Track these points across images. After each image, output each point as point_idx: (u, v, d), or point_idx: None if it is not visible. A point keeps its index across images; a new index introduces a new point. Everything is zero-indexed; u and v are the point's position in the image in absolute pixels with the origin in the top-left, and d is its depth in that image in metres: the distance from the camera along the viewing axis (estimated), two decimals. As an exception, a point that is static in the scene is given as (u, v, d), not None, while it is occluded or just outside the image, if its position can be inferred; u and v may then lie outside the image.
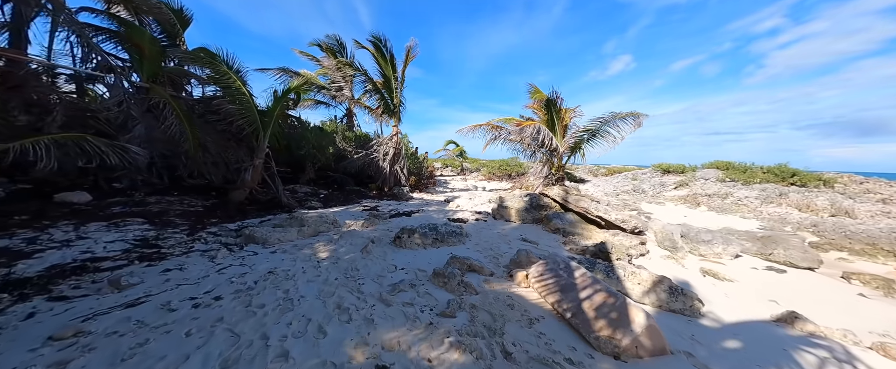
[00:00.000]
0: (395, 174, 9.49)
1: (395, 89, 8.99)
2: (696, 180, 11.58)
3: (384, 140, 9.55)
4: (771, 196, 9.33)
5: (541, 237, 5.17)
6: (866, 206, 8.00)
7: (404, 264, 3.72)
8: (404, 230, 4.51)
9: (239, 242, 4.26)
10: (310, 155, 8.20)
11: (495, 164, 18.26)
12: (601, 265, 3.41)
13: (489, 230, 5.52)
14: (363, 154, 9.65)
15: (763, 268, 4.70)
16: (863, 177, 10.69)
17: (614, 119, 6.35)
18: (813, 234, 6.91)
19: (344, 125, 11.41)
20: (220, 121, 6.55)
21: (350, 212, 6.76)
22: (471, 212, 6.88)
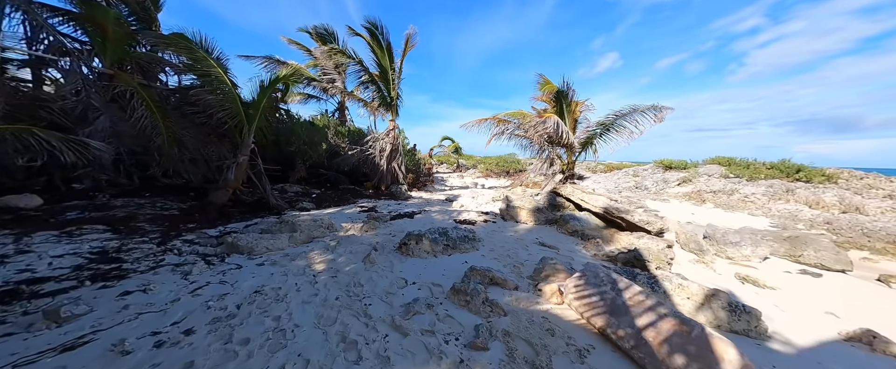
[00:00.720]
0: (392, 172, 8.94)
1: (392, 81, 8.40)
2: (699, 176, 11.45)
3: (380, 135, 8.97)
4: (778, 192, 9.21)
5: (559, 240, 4.74)
6: (875, 202, 7.93)
7: (415, 277, 3.22)
8: (411, 236, 4.01)
9: (220, 252, 3.69)
10: (300, 151, 7.57)
11: (492, 161, 17.86)
12: (642, 276, 2.99)
13: (501, 233, 5.07)
14: (358, 150, 9.05)
15: (797, 272, 4.41)
16: (862, 172, 10.72)
17: (633, 112, 5.94)
18: (829, 232, 6.75)
19: (336, 120, 10.76)
20: (198, 114, 5.88)
21: (346, 214, 6.20)
22: (477, 213, 6.42)
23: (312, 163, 8.09)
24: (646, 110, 5.84)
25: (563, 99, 6.72)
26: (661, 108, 5.72)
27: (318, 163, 8.35)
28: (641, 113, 5.88)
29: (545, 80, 7.06)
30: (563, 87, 6.57)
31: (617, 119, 6.17)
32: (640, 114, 5.88)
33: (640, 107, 5.85)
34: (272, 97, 7.36)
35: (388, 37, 7.83)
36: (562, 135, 6.05)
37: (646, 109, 5.83)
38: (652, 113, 5.79)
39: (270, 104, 7.30)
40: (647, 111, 5.83)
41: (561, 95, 6.68)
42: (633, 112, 5.95)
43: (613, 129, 6.29)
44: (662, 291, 2.79)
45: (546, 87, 6.88)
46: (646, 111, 5.84)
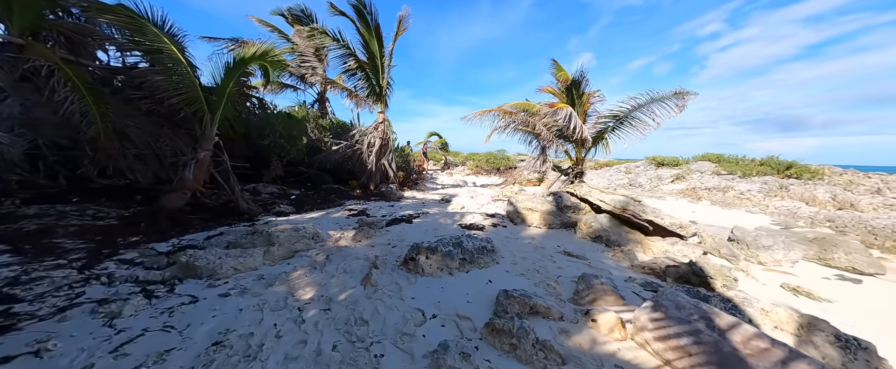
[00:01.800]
0: (382, 169, 8.10)
1: (381, 68, 7.54)
2: (691, 173, 11.47)
3: (368, 129, 8.09)
4: (773, 189, 9.30)
5: (582, 248, 4.18)
6: (866, 199, 8.12)
7: (433, 305, 2.52)
8: (420, 248, 3.29)
9: (169, 277, 2.80)
10: (276, 146, 6.58)
11: (482, 158, 17.31)
12: (715, 299, 2.45)
13: (516, 240, 4.44)
14: (342, 146, 8.13)
15: (834, 277, 4.11)
16: (840, 168, 11.11)
17: (650, 103, 5.44)
18: (834, 229, 6.72)
19: (317, 112, 9.71)
20: (145, 99, 4.80)
21: (333, 219, 5.35)
22: (481, 215, 5.77)
23: (290, 160, 7.11)
24: (666, 98, 5.33)
25: (574, 90, 6.19)
26: (683, 95, 5.20)
27: (297, 160, 7.37)
28: (659, 102, 5.39)
29: (558, 67, 6.46)
30: (578, 76, 6.04)
31: (632, 110, 5.66)
32: (658, 104, 5.38)
33: (661, 95, 5.34)
34: (241, 81, 6.33)
35: (377, 17, 6.95)
36: (575, 129, 5.51)
37: (667, 97, 5.31)
38: (673, 102, 5.31)
39: (239, 90, 6.26)
40: (667, 99, 5.33)
41: (573, 86, 6.14)
42: (651, 102, 5.46)
43: (628, 122, 5.80)
44: (746, 320, 2.25)
45: (560, 75, 6.31)
46: (666, 99, 5.34)
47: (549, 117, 5.49)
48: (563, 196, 5.41)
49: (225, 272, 2.96)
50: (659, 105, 5.33)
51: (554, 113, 5.39)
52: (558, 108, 5.33)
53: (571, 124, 5.42)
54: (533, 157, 14.72)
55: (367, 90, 7.89)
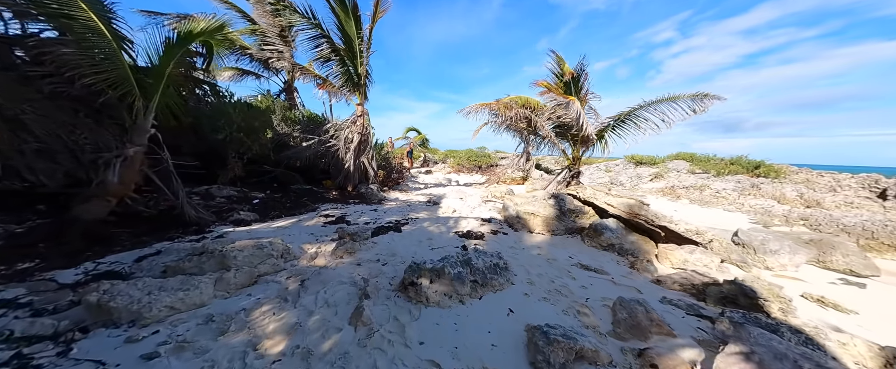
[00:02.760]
0: (361, 168, 7.29)
1: (359, 53, 6.70)
2: (669, 172, 11.79)
3: (345, 123, 7.23)
4: (746, 187, 9.74)
5: (597, 259, 3.78)
6: (829, 197, 8.69)
7: (450, 354, 1.93)
8: (420, 270, 2.67)
9: (67, 328, 1.96)
10: (234, 141, 5.57)
11: (463, 155, 16.81)
12: (784, 329, 2.08)
13: (523, 250, 3.95)
14: (315, 141, 7.19)
15: (839, 282, 4.06)
16: (795, 167, 11.95)
17: (660, 103, 5.12)
18: (808, 227, 7.00)
19: (284, 102, 8.61)
20: (49, 79, 3.69)
21: (306, 229, 4.54)
22: (476, 220, 5.23)
23: (252, 158, 6.10)
24: (683, 99, 5.04)
25: (574, 85, 5.80)
26: (704, 97, 4.94)
27: (260, 158, 6.36)
28: (671, 103, 5.11)
29: (560, 60, 5.99)
30: (578, 70, 5.64)
31: (639, 109, 5.35)
32: (670, 105, 5.10)
33: (678, 96, 5.03)
34: (187, 63, 5.26)
35: (355, -5, 6.10)
36: (582, 126, 5.11)
37: (685, 98, 5.02)
38: (688, 103, 5.05)
39: (185, 73, 5.19)
40: (683, 101, 5.05)
41: (573, 81, 5.75)
42: (660, 102, 5.17)
43: (632, 122, 5.52)
44: (830, 357, 1.88)
45: (563, 68, 5.87)
46: (681, 101, 5.05)
47: (560, 110, 5.03)
48: (564, 198, 5.00)
49: (156, 314, 2.15)
50: (670, 106, 5.08)
51: (566, 106, 4.94)
52: (570, 101, 4.88)
53: (580, 119, 5.01)
54: (516, 155, 14.52)
55: (343, 78, 7.01)
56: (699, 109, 5.08)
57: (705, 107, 5.09)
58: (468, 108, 6.29)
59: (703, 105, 5.09)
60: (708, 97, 5.10)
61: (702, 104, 5.09)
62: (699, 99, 5.12)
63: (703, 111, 5.04)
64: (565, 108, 4.99)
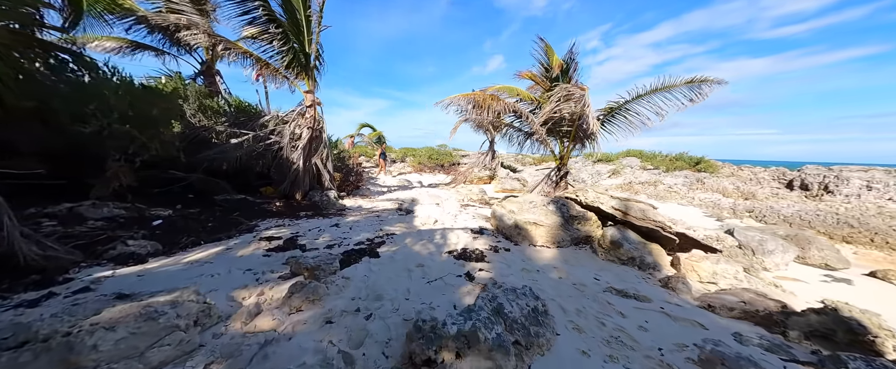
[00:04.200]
0: (312, 171, 5.87)
1: (307, 26, 5.30)
2: (624, 168, 12.38)
3: (291, 115, 5.73)
4: (693, 182, 10.56)
5: (623, 278, 3.20)
6: (759, 189, 9.80)
7: None
8: (436, 337, 1.72)
9: None
10: (116, 135, 3.80)
11: (423, 153, 15.78)
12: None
13: (537, 272, 3.19)
14: (248, 138, 5.58)
15: (829, 279, 4.12)
16: (720, 162, 13.54)
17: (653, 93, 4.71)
18: (754, 219, 7.62)
19: (202, 87, 6.65)
20: None
21: (238, 262, 3.17)
22: (466, 233, 4.37)
23: (152, 160, 4.34)
24: (679, 88, 4.64)
25: (563, 77, 5.25)
26: (702, 83, 4.44)
27: (163, 160, 4.59)
28: (664, 93, 4.72)
29: (549, 50, 5.34)
30: (567, 60, 5.09)
31: (631, 102, 4.94)
32: (663, 95, 4.71)
33: (669, 84, 4.65)
34: (29, 16, 3.44)
35: (300, -49, 4.71)
36: (586, 120, 4.52)
37: (679, 86, 4.61)
38: (686, 92, 4.66)
39: (25, 38, 3.35)
40: (678, 90, 4.66)
41: (563, 73, 5.20)
42: (653, 92, 4.75)
43: (623, 116, 5.12)
44: None
45: (551, 59, 5.23)
46: (676, 91, 4.67)
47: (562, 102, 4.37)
48: (566, 204, 4.41)
49: None
50: (664, 96, 4.70)
51: (572, 97, 4.29)
52: (583, 92, 4.24)
53: (584, 113, 4.41)
54: (480, 153, 14.00)
55: (287, 59, 5.51)
56: (697, 98, 4.67)
57: (704, 94, 4.65)
58: (448, 99, 5.37)
59: (700, 92, 4.65)
60: (706, 82, 4.55)
61: (699, 91, 4.64)
62: (696, 86, 4.60)
63: (701, 100, 4.68)
64: (567, 100, 4.40)
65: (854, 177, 9.69)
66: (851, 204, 8.63)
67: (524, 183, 11.52)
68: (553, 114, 4.80)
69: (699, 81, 4.50)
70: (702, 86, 4.49)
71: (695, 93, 4.42)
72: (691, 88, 4.46)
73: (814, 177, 10.94)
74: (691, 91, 4.49)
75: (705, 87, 4.54)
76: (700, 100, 4.44)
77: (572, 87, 4.39)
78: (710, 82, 4.50)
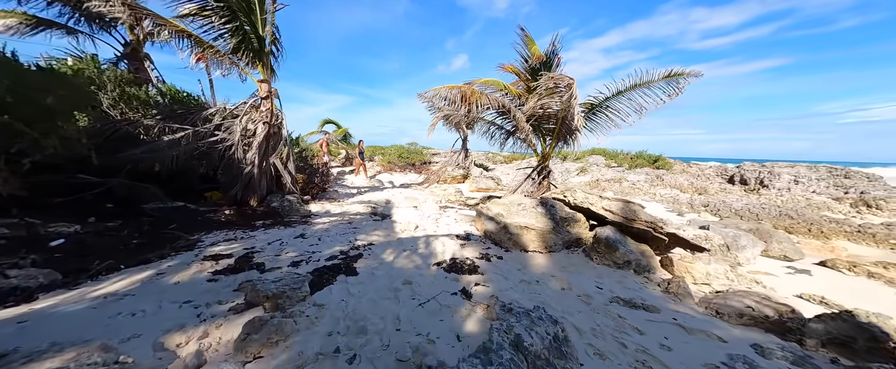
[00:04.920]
0: (270, 173, 5.10)
1: (258, 4, 4.52)
2: (591, 166, 12.82)
3: (242, 108, 4.91)
4: (653, 179, 11.19)
5: (625, 285, 3.04)
6: (710, 184, 10.64)
7: None
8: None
9: None
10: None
11: (392, 152, 15.08)
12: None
13: (537, 283, 2.92)
14: (187, 134, 4.67)
15: (792, 271, 4.39)
16: (672, 159, 14.65)
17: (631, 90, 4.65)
18: (710, 213, 8.18)
19: (126, 73, 5.48)
20: None
21: (172, 292, 2.48)
22: (452, 240, 4.01)
23: (51, 162, 3.36)
24: (657, 84, 4.58)
25: (544, 70, 5.04)
26: (679, 77, 4.36)
27: (69, 161, 3.61)
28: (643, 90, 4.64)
29: (529, 40, 5.08)
30: (550, 53, 4.90)
31: (611, 98, 4.84)
32: (642, 91, 4.64)
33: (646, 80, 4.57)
34: None
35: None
36: (572, 114, 4.31)
37: (657, 82, 4.51)
38: (664, 87, 4.59)
39: None
40: (656, 86, 4.60)
41: (543, 65, 4.99)
42: (632, 89, 4.65)
43: (604, 113, 5.02)
44: None
45: (531, 50, 4.97)
46: (654, 86, 4.60)
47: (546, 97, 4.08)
48: (555, 206, 4.22)
49: None
50: (643, 93, 4.67)
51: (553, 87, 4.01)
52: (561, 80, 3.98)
53: (571, 109, 4.19)
54: (452, 152, 13.69)
55: (234, 41, 4.67)
56: (674, 93, 4.56)
57: (681, 88, 4.55)
58: (433, 91, 4.90)
59: (678, 86, 4.54)
60: (683, 76, 4.48)
61: (677, 85, 4.54)
62: (673, 80, 4.51)
63: (677, 95, 4.56)
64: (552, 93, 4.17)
65: (784, 172, 10.95)
66: (784, 197, 9.71)
67: (498, 181, 11.43)
68: (538, 110, 4.61)
69: (676, 75, 4.48)
70: (679, 80, 4.50)
71: (673, 87, 4.46)
72: (669, 83, 4.49)
73: (750, 172, 12.20)
74: (669, 85, 4.51)
75: (682, 80, 4.53)
76: (676, 96, 4.50)
77: (559, 77, 4.17)
78: (686, 76, 4.49)
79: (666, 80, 4.27)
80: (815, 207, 8.24)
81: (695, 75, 4.21)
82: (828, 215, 7.72)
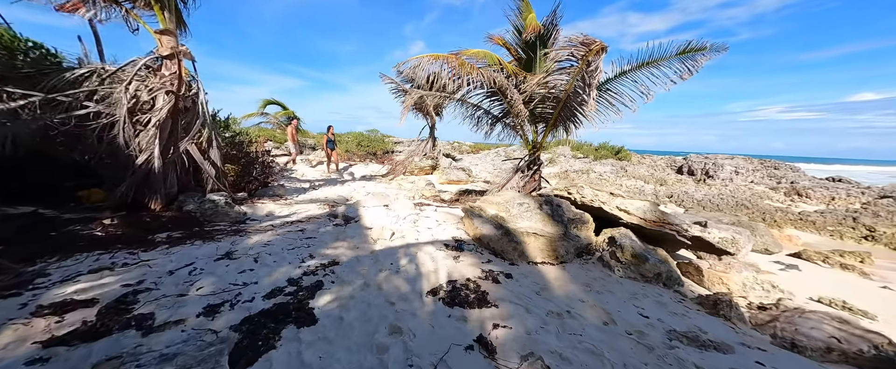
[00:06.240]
0: (182, 164, 3.67)
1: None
2: (558, 157, 12.77)
3: (128, 70, 3.38)
4: (618, 170, 11.41)
5: (668, 308, 2.48)
6: (667, 176, 11.15)
7: None
8: None
9: None
10: None
11: (351, 139, 13.48)
12: None
13: (574, 318, 2.20)
14: (37, 100, 3.06)
15: (780, 265, 4.33)
16: (630, 151, 15.37)
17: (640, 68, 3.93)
18: (675, 204, 8.40)
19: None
20: None
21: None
22: (443, 252, 3.14)
23: None
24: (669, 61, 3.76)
25: (540, 44, 4.26)
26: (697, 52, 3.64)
27: None
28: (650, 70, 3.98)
29: (526, 5, 4.16)
30: (548, 25, 4.12)
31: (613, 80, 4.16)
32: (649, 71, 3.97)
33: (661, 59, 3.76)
34: None
35: None
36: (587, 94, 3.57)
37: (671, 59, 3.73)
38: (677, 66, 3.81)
39: None
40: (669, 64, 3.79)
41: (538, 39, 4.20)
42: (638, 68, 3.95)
43: (604, 97, 4.34)
44: None
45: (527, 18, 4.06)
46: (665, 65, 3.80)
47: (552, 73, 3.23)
48: (562, 205, 3.56)
49: None
50: (650, 73, 4.05)
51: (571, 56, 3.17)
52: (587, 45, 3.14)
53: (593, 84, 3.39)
54: (419, 141, 12.61)
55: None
56: (687, 72, 3.88)
57: (697, 67, 3.85)
58: (415, 59, 3.80)
59: (694, 65, 3.84)
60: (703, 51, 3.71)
61: (693, 64, 3.83)
62: (689, 57, 3.77)
63: (690, 74, 3.89)
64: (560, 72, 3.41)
65: (726, 163, 11.97)
66: (729, 187, 10.55)
67: (470, 172, 10.74)
68: (539, 90, 3.88)
69: (694, 50, 3.73)
70: (696, 56, 3.77)
71: (686, 66, 3.92)
72: (683, 60, 3.76)
73: (697, 163, 13.19)
74: (682, 64, 3.80)
75: (700, 56, 3.78)
76: (690, 76, 3.98)
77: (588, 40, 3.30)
78: (706, 51, 3.73)
79: (680, 57, 3.73)
80: (759, 196, 8.98)
81: (718, 50, 3.71)
82: (770, 204, 8.42)
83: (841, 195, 8.66)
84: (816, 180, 10.49)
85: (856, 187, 9.47)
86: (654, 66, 3.87)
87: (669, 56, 3.74)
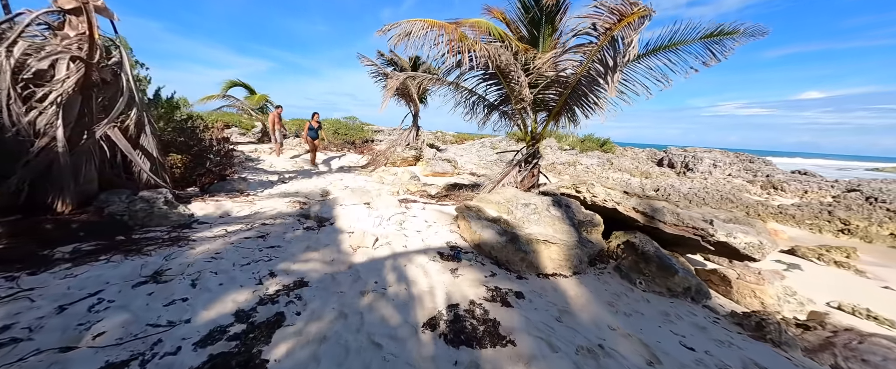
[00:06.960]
0: (103, 154, 2.86)
1: None
2: (545, 148, 12.49)
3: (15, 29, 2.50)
4: (604, 163, 11.30)
5: (708, 333, 2.12)
6: (651, 169, 11.18)
7: None
8: None
9: None
10: None
11: (328, 127, 12.44)
12: None
13: (609, 356, 1.76)
14: None
15: (782, 265, 4.20)
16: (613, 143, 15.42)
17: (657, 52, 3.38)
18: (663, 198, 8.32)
19: None
20: None
21: None
22: (436, 261, 2.63)
23: None
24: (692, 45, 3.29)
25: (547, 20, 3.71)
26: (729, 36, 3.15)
27: None
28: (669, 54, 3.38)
29: None
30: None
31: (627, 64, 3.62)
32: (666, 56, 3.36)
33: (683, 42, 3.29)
34: None
35: None
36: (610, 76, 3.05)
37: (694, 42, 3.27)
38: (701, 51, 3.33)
39: None
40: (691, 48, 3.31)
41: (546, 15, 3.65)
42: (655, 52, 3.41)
43: (614, 82, 3.85)
44: None
45: None
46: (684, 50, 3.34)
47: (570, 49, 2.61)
48: (571, 206, 3.13)
49: None
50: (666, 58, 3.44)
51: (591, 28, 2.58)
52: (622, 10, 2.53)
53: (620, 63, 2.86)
54: (401, 130, 11.85)
55: None
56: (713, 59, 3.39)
57: (727, 52, 3.37)
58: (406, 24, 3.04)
59: (722, 51, 3.35)
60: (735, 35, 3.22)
61: (720, 48, 3.34)
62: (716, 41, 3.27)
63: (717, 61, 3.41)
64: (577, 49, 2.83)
65: (705, 156, 12.22)
66: (709, 180, 10.75)
67: (455, 164, 10.22)
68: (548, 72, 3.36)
69: (726, 34, 3.20)
70: (725, 41, 3.25)
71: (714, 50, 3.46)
72: (707, 45, 3.31)
73: (677, 156, 13.41)
74: (707, 49, 3.33)
75: (730, 41, 3.27)
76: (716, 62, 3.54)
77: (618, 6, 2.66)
78: (737, 35, 3.21)
79: (705, 42, 3.27)
80: (738, 190, 9.17)
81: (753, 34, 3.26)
82: (750, 197, 8.59)
83: (813, 188, 8.99)
84: (788, 174, 10.93)
85: (825, 181, 9.91)
86: (673, 50, 3.45)
87: (694, 39, 3.32)
